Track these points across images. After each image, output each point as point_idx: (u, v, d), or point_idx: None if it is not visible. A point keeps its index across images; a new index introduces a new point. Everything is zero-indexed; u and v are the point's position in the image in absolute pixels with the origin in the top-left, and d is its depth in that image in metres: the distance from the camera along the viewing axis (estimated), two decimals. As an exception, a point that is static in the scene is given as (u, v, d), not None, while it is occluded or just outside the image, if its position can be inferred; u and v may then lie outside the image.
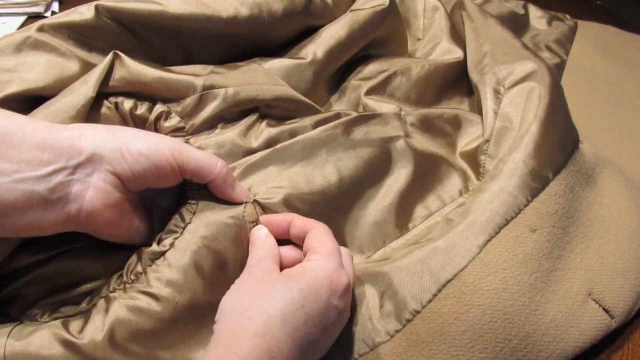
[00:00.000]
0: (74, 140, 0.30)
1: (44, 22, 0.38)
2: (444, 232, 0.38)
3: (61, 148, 0.30)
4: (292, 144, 0.41)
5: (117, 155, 0.31)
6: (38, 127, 0.30)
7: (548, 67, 0.48)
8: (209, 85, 0.40)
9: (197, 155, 0.34)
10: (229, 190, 0.36)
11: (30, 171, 0.29)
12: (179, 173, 0.34)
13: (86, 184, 0.31)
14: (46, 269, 0.34)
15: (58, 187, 0.30)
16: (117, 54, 0.38)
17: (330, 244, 0.33)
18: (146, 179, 0.33)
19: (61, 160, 0.30)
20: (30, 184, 0.29)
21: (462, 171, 0.46)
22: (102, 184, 0.31)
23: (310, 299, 0.30)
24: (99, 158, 0.31)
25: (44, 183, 0.29)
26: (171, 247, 0.34)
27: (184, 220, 0.35)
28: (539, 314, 0.36)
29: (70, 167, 0.30)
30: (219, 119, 0.41)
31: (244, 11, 0.44)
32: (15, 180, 0.28)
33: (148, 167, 0.32)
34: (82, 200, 0.31)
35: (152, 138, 0.33)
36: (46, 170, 0.29)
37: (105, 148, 0.31)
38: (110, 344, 0.31)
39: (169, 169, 0.33)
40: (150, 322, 0.32)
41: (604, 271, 0.40)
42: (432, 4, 0.61)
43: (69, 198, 0.30)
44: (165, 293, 0.32)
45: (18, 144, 0.29)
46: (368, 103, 0.50)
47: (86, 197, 0.31)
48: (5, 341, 0.29)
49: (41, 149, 0.29)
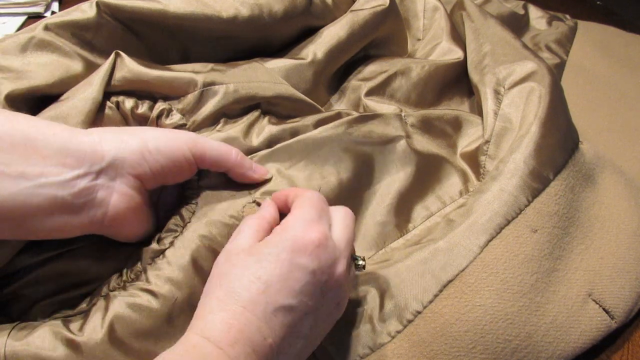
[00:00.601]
0: (95, 146, 0.30)
1: (49, 22, 0.38)
2: (444, 233, 0.38)
3: (84, 153, 0.30)
4: (293, 143, 0.41)
5: (138, 157, 0.31)
6: (59, 132, 0.30)
7: (548, 68, 0.48)
8: (210, 82, 0.40)
9: (213, 145, 0.35)
10: (249, 173, 0.36)
11: (53, 176, 0.29)
12: (194, 166, 0.34)
13: (110, 189, 0.31)
14: (46, 269, 0.34)
15: (82, 192, 0.30)
16: (119, 53, 0.38)
17: (305, 203, 0.31)
18: (164, 177, 0.33)
19: (84, 166, 0.30)
20: (54, 188, 0.29)
21: (462, 172, 0.46)
22: (126, 188, 0.32)
23: (268, 266, 0.28)
24: (121, 162, 0.31)
25: (67, 188, 0.29)
26: (171, 245, 0.34)
27: (183, 219, 0.35)
28: (540, 315, 0.36)
29: (94, 172, 0.30)
30: (220, 116, 0.41)
31: (245, 11, 0.44)
32: (39, 185, 0.28)
33: (166, 164, 0.32)
34: (107, 205, 0.31)
35: (170, 134, 0.33)
36: (70, 175, 0.29)
37: (126, 151, 0.31)
38: (110, 341, 0.30)
39: (185, 164, 0.33)
40: (149, 319, 0.32)
41: (604, 272, 0.40)
42: (432, 4, 0.61)
43: (93, 203, 0.31)
44: (165, 290, 0.32)
45: (40, 148, 0.28)
46: (368, 104, 0.50)
47: (111, 202, 0.31)
48: (5, 341, 0.29)
49: (63, 154, 0.29)
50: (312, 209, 0.31)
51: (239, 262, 0.29)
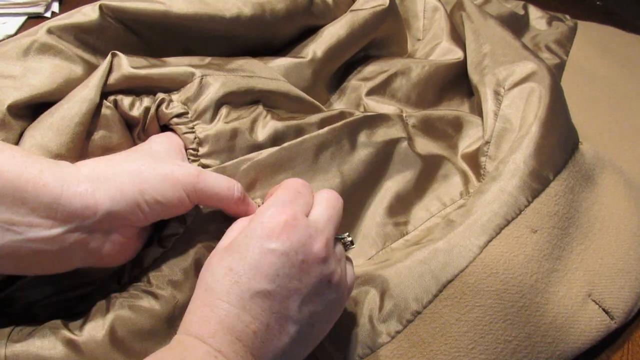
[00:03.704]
0: (87, 200, 0.29)
1: (51, 25, 0.38)
2: (444, 233, 0.38)
3: (74, 210, 0.28)
4: (299, 143, 0.40)
5: (134, 209, 0.30)
6: (50, 181, 0.28)
7: (548, 68, 0.48)
8: (209, 73, 0.40)
9: (214, 188, 0.33)
10: (244, 209, 0.35)
11: (42, 230, 0.28)
12: (190, 205, 0.33)
13: (102, 240, 0.30)
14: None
15: (73, 246, 0.29)
16: (115, 54, 0.38)
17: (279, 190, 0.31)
18: (157, 218, 0.32)
19: (75, 221, 0.28)
20: (42, 244, 0.28)
21: (463, 173, 0.46)
22: (120, 238, 0.31)
23: (239, 256, 0.28)
24: (115, 214, 0.30)
25: (57, 243, 0.28)
26: (172, 247, 0.34)
27: (184, 221, 0.35)
28: (539, 315, 0.36)
29: (85, 227, 0.29)
30: (220, 104, 0.40)
31: (247, 11, 0.44)
32: (28, 240, 0.27)
33: (161, 211, 0.31)
34: (98, 253, 0.31)
35: (168, 180, 0.31)
36: (59, 231, 0.28)
37: (120, 204, 0.29)
38: (111, 342, 0.30)
39: (181, 207, 0.32)
40: (150, 321, 0.32)
41: (604, 272, 0.40)
42: (432, 5, 0.61)
43: (83, 254, 0.30)
44: (166, 292, 0.32)
45: (29, 200, 0.27)
46: (369, 104, 0.50)
47: (103, 250, 0.31)
48: (5, 342, 0.29)
49: (53, 209, 0.28)
50: (285, 193, 0.31)
51: (215, 259, 0.29)
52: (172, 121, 0.38)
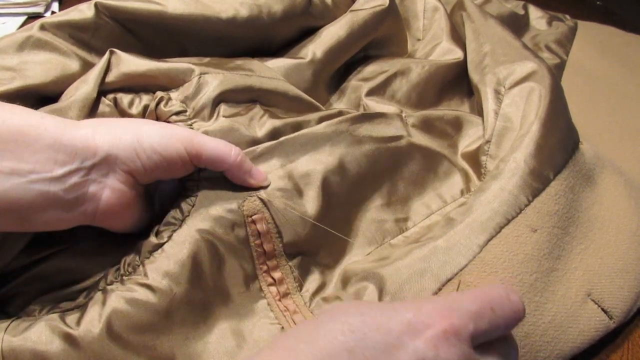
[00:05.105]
0: (87, 140, 0.30)
1: (45, 21, 0.38)
2: (444, 231, 0.38)
3: (75, 149, 0.30)
4: (297, 137, 0.40)
5: (131, 154, 0.31)
6: (51, 126, 0.30)
7: (548, 68, 0.48)
8: (207, 71, 0.40)
9: (211, 145, 0.34)
10: (245, 177, 0.36)
11: (45, 172, 0.29)
12: (190, 165, 0.34)
13: (102, 184, 0.31)
14: (44, 267, 0.35)
15: (74, 187, 0.30)
16: (113, 51, 0.38)
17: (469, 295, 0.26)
18: (157, 173, 0.33)
19: (76, 161, 0.30)
20: (45, 184, 0.29)
21: (463, 171, 0.46)
22: (118, 184, 0.32)
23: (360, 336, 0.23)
24: (114, 158, 0.31)
25: (59, 184, 0.29)
26: (169, 239, 0.34)
27: (182, 213, 0.35)
28: (538, 314, 0.36)
29: (85, 167, 0.30)
30: (219, 101, 0.40)
31: (244, 12, 0.44)
32: (31, 181, 0.28)
33: (160, 162, 0.32)
34: (98, 200, 0.31)
35: (165, 130, 0.33)
36: (61, 172, 0.29)
37: (119, 147, 0.31)
38: (108, 335, 0.30)
39: (180, 162, 0.33)
40: (147, 314, 0.32)
41: (604, 272, 0.40)
42: (432, 5, 0.61)
43: (85, 198, 0.31)
44: (162, 285, 0.32)
45: (32, 143, 0.28)
46: (369, 104, 0.50)
47: (102, 197, 0.31)
48: (2, 336, 0.29)
49: (55, 149, 0.29)
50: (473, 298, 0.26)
51: None
52: (170, 119, 0.38)
